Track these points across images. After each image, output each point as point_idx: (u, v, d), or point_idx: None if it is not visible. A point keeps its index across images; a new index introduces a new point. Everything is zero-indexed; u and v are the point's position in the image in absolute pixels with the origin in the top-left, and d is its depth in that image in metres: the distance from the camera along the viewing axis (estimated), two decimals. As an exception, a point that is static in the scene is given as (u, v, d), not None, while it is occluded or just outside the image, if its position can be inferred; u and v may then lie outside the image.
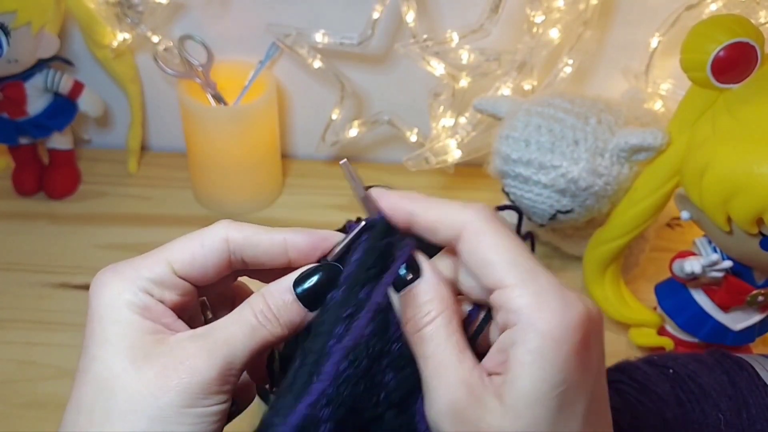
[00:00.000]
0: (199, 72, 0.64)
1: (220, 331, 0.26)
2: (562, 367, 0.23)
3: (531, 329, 0.23)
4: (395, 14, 0.63)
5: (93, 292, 0.26)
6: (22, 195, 0.68)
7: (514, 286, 0.24)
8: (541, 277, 0.24)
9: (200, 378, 0.24)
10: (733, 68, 0.44)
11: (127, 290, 0.26)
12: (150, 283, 0.26)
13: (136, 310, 0.25)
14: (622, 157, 0.51)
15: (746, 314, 0.50)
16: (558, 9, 0.60)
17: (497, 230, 0.25)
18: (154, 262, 0.26)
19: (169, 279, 0.26)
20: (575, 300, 0.24)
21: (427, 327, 0.25)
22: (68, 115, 0.66)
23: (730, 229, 0.44)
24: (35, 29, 0.59)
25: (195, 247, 0.27)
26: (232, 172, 0.65)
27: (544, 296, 0.23)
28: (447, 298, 0.25)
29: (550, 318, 0.23)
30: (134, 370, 0.24)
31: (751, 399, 0.41)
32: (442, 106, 0.64)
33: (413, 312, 0.25)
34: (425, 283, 0.25)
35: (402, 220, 0.27)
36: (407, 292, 0.25)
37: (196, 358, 0.24)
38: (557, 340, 0.23)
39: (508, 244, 0.24)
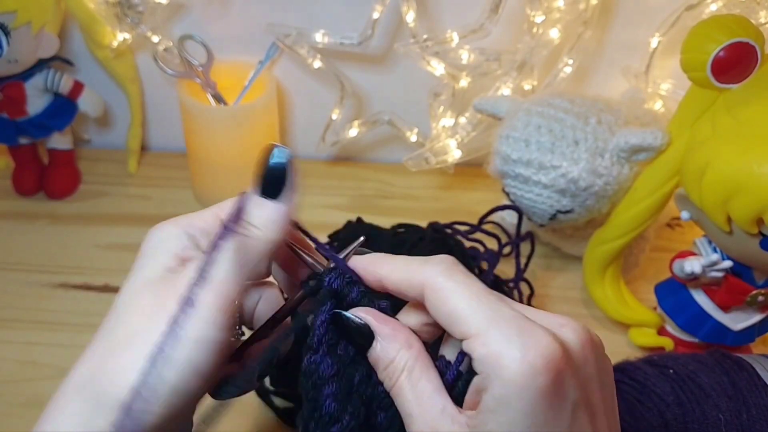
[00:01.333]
0: (199, 72, 0.64)
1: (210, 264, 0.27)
2: (527, 412, 0.23)
3: (495, 377, 0.23)
4: (395, 14, 0.63)
5: (147, 236, 0.28)
6: (22, 195, 0.68)
7: (476, 335, 0.24)
8: (503, 321, 0.24)
9: (204, 311, 0.25)
10: (733, 68, 0.44)
11: (175, 233, 0.28)
12: (199, 231, 0.28)
13: (172, 250, 0.27)
14: (622, 157, 0.51)
15: (746, 314, 0.50)
16: (558, 9, 0.60)
17: (455, 282, 0.25)
18: (207, 215, 0.29)
19: (215, 229, 0.28)
20: (541, 338, 0.23)
21: (395, 385, 0.26)
22: (68, 115, 0.66)
23: (730, 229, 0.44)
24: (35, 29, 0.59)
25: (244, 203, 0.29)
26: (232, 172, 0.65)
27: (505, 343, 0.23)
28: (409, 346, 0.26)
29: (511, 365, 0.23)
30: (138, 298, 0.26)
31: (751, 399, 0.41)
32: (442, 106, 0.64)
33: (382, 375, 0.27)
34: (380, 344, 0.26)
35: (375, 286, 0.28)
36: (371, 357, 0.27)
37: (200, 294, 0.26)
38: (521, 387, 0.23)
39: (467, 295, 0.25)
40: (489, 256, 0.54)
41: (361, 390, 0.27)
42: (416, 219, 0.59)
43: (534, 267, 0.60)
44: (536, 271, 0.62)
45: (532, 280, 0.58)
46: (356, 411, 0.26)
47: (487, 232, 0.57)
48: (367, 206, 0.69)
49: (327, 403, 0.26)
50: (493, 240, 0.57)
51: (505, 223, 0.63)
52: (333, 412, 0.26)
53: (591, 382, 0.25)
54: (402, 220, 0.58)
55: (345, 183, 0.72)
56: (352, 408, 0.26)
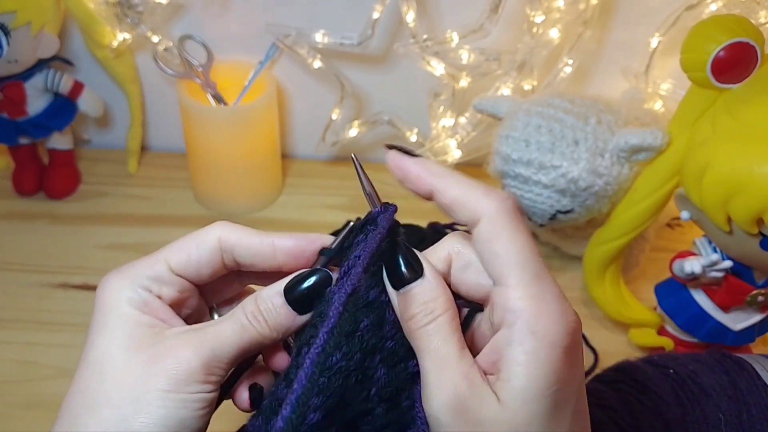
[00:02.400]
0: (199, 72, 0.64)
1: (211, 327, 0.27)
2: (555, 368, 0.24)
3: (528, 331, 0.24)
4: (395, 14, 0.63)
5: (99, 290, 0.28)
6: (22, 195, 0.68)
7: (516, 286, 0.24)
8: (545, 282, 0.25)
9: (185, 366, 0.26)
10: (733, 68, 0.44)
11: (127, 287, 0.27)
12: (148, 280, 0.28)
13: (134, 305, 0.27)
14: (622, 157, 0.51)
15: (746, 314, 0.50)
16: (558, 9, 0.60)
17: (514, 227, 0.25)
18: (153, 262, 0.28)
19: (166, 276, 0.28)
20: (569, 308, 0.25)
21: (431, 324, 0.25)
22: (68, 115, 0.66)
23: (730, 229, 0.44)
24: (35, 29, 0.59)
25: (190, 246, 0.29)
26: (232, 172, 0.65)
27: (543, 302, 0.24)
28: (449, 298, 0.26)
29: (548, 323, 0.24)
30: (126, 357, 0.26)
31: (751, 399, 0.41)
32: (442, 106, 0.64)
33: (416, 309, 0.26)
34: (428, 282, 0.26)
35: (424, 192, 0.28)
36: (408, 292, 0.26)
37: (184, 349, 0.26)
38: (552, 344, 0.24)
39: (521, 244, 0.25)
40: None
41: (365, 337, 0.26)
42: (416, 219, 0.59)
43: (534, 267, 0.60)
44: (536, 271, 0.62)
45: (532, 280, 0.58)
46: (350, 352, 0.26)
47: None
48: (367, 206, 0.69)
49: (325, 337, 0.26)
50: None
51: (505, 223, 0.63)
52: (326, 347, 0.26)
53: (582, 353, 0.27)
54: (402, 220, 0.58)
55: (345, 183, 0.72)
56: (347, 348, 0.26)
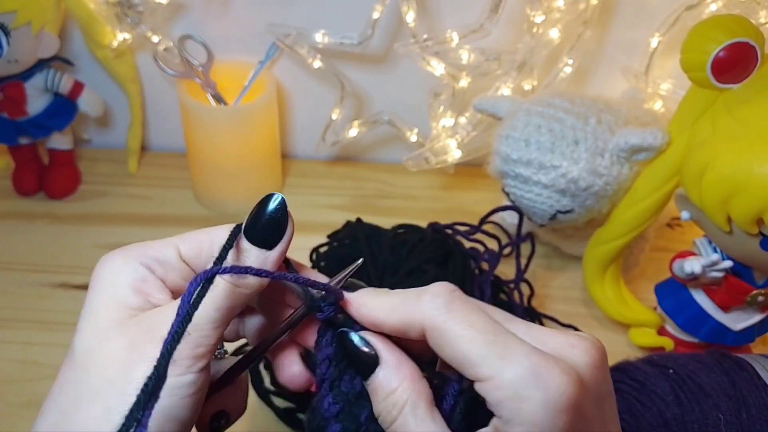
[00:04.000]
0: (199, 72, 0.64)
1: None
2: None
3: (518, 422, 0.22)
4: (395, 14, 0.63)
5: (96, 267, 0.27)
6: (22, 195, 0.68)
7: (490, 379, 0.23)
8: (515, 360, 0.22)
9: None
10: (733, 68, 0.44)
11: (128, 264, 0.26)
12: (153, 260, 0.26)
13: (129, 283, 0.26)
14: (622, 157, 0.51)
15: (746, 314, 0.50)
16: (558, 9, 0.60)
17: (456, 320, 0.24)
18: (162, 244, 0.27)
19: (173, 261, 0.27)
20: (558, 375, 0.22)
21: (396, 421, 0.24)
22: (68, 115, 0.66)
23: (730, 229, 0.44)
24: (35, 29, 0.59)
25: (203, 237, 0.27)
26: (232, 171, 0.65)
27: (522, 383, 0.22)
28: (411, 381, 0.25)
29: (534, 409, 0.22)
30: (106, 343, 0.24)
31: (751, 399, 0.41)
32: (442, 106, 0.64)
33: (380, 407, 0.25)
34: (383, 371, 0.25)
35: (372, 329, 0.26)
36: (371, 384, 0.25)
37: (162, 328, 0.24)
38: (546, 428, 0.22)
39: (471, 334, 0.23)
40: (489, 257, 0.54)
41: (369, 428, 0.26)
42: (416, 219, 0.59)
43: (534, 267, 0.60)
44: (536, 271, 0.62)
45: (533, 280, 0.58)
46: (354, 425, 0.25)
47: (487, 232, 0.57)
48: (367, 206, 0.69)
49: None
50: (493, 240, 0.57)
51: (505, 223, 0.63)
52: (332, 412, 0.25)
53: (604, 398, 0.24)
54: (402, 220, 0.58)
55: (345, 183, 0.72)
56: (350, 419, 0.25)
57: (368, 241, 0.53)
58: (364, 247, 0.52)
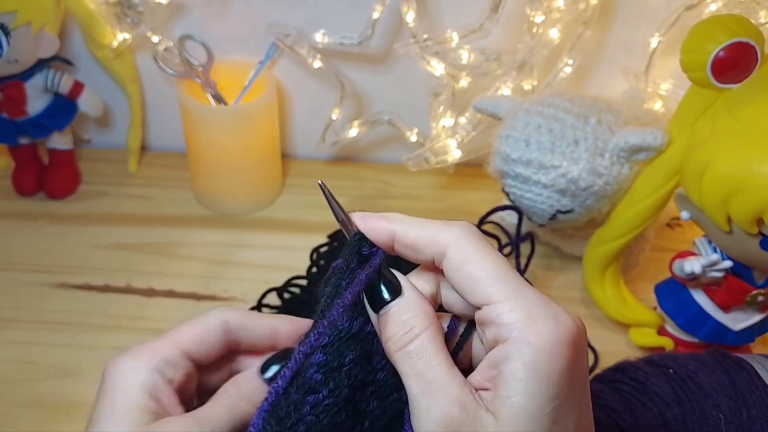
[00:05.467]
0: (199, 72, 0.64)
1: (204, 410, 0.27)
2: (556, 380, 0.23)
3: (525, 344, 0.23)
4: (395, 14, 0.63)
5: (108, 371, 0.27)
6: (22, 195, 0.68)
7: (503, 301, 0.24)
8: (529, 292, 0.24)
9: None
10: (733, 68, 0.44)
11: (141, 370, 0.27)
12: (163, 363, 0.27)
13: (146, 389, 0.26)
14: (622, 157, 0.52)
15: (746, 314, 0.50)
16: (558, 9, 0.60)
17: (482, 248, 0.25)
18: (166, 344, 0.28)
19: (179, 360, 0.28)
20: (564, 314, 0.24)
21: (411, 344, 0.24)
22: (68, 115, 0.66)
23: (730, 229, 0.44)
24: (35, 29, 0.59)
25: (198, 330, 0.29)
26: (232, 172, 0.65)
27: (534, 311, 0.23)
28: (430, 314, 0.25)
29: (543, 332, 0.23)
30: None
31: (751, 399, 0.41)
32: (442, 106, 0.65)
33: (395, 329, 0.25)
34: (406, 300, 0.25)
35: (384, 240, 0.27)
36: (387, 312, 0.25)
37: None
38: (551, 355, 0.23)
39: (493, 261, 0.25)
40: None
41: (353, 371, 0.25)
42: (416, 219, 0.59)
43: (534, 267, 0.60)
44: (536, 271, 0.62)
45: (533, 280, 0.58)
46: (338, 389, 0.25)
47: (487, 232, 0.57)
48: (367, 206, 0.69)
49: (311, 371, 0.25)
50: (493, 240, 0.57)
51: (505, 223, 0.63)
52: (313, 383, 0.25)
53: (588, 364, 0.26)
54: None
55: (345, 183, 0.72)
56: (334, 384, 0.25)
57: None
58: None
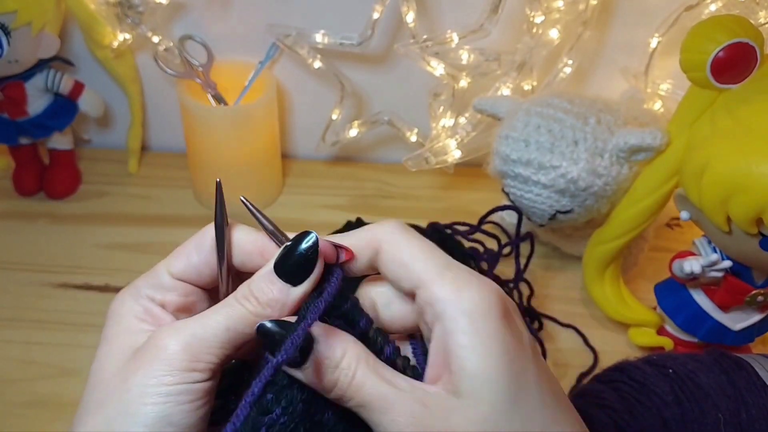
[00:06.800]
0: (199, 72, 0.64)
1: (197, 315, 0.26)
2: (497, 337, 0.24)
3: (458, 312, 0.24)
4: (395, 14, 0.63)
5: (110, 306, 0.28)
6: (22, 195, 0.68)
7: (433, 280, 0.25)
8: (455, 268, 0.26)
9: (163, 354, 0.25)
10: (733, 68, 0.44)
11: (130, 299, 0.28)
12: (150, 288, 0.28)
13: (135, 314, 0.27)
14: (621, 158, 0.52)
15: (746, 314, 0.50)
16: (557, 9, 0.61)
17: (410, 237, 0.27)
18: (154, 271, 0.28)
19: (167, 282, 0.28)
20: (488, 282, 0.26)
21: (354, 380, 0.24)
22: (69, 115, 0.66)
23: (729, 229, 0.44)
24: (36, 29, 0.59)
25: (189, 250, 0.29)
26: (233, 172, 0.65)
27: (461, 282, 0.25)
28: (353, 342, 0.25)
29: (471, 297, 0.24)
30: (118, 363, 0.26)
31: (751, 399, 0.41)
32: (441, 106, 0.65)
33: (332, 376, 0.25)
34: (326, 343, 0.25)
35: (329, 254, 0.27)
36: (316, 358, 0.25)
37: (163, 338, 0.25)
38: (484, 314, 0.24)
39: (421, 247, 0.26)
40: (489, 257, 0.54)
41: (304, 385, 0.25)
42: (416, 219, 0.59)
43: (534, 267, 0.60)
44: (536, 271, 0.62)
45: (532, 280, 0.58)
46: (290, 405, 0.25)
47: (486, 232, 0.58)
48: (367, 206, 0.69)
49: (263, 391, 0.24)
50: (492, 240, 0.57)
51: (504, 223, 0.63)
52: (265, 403, 0.25)
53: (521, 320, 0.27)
54: (402, 220, 0.58)
55: (345, 183, 0.72)
56: (286, 402, 0.25)
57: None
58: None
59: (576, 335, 0.56)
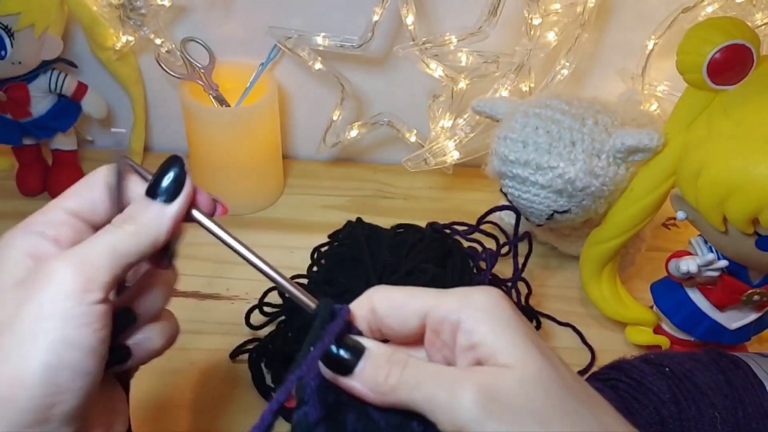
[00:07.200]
0: (201, 74, 0.64)
1: (80, 244, 0.27)
2: (514, 322, 0.26)
3: (474, 310, 0.26)
4: (395, 17, 0.63)
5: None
6: (26, 195, 0.68)
7: (437, 302, 0.27)
8: (450, 290, 0.27)
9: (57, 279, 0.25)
10: (729, 70, 0.44)
11: (18, 236, 0.28)
12: (41, 224, 0.28)
13: (23, 249, 0.28)
14: (618, 158, 0.52)
15: (742, 313, 0.50)
16: (555, 12, 0.61)
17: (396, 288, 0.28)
18: (47, 208, 0.29)
19: (62, 218, 0.29)
20: (488, 287, 0.27)
21: (408, 366, 0.25)
22: (72, 117, 0.66)
23: (725, 229, 0.45)
24: (39, 31, 0.60)
25: (82, 187, 0.30)
26: (234, 172, 0.66)
27: (465, 292, 0.27)
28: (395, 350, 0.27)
29: (480, 298, 0.26)
30: (8, 296, 0.26)
31: (747, 397, 0.41)
32: (440, 108, 0.65)
33: (386, 368, 0.25)
34: (377, 346, 0.26)
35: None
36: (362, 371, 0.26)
37: (53, 264, 0.26)
38: (497, 308, 0.26)
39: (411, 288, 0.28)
40: (487, 256, 0.55)
41: (359, 428, 0.25)
42: (416, 219, 0.60)
43: (532, 266, 0.60)
44: (534, 271, 0.62)
45: (530, 279, 0.58)
46: None
47: (485, 232, 0.58)
48: (367, 206, 0.70)
49: None
50: (491, 240, 0.58)
51: (503, 223, 0.63)
52: None
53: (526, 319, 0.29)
54: (401, 220, 0.59)
55: (345, 183, 0.72)
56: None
57: (368, 240, 0.54)
58: (364, 247, 0.52)
59: (573, 334, 0.56)
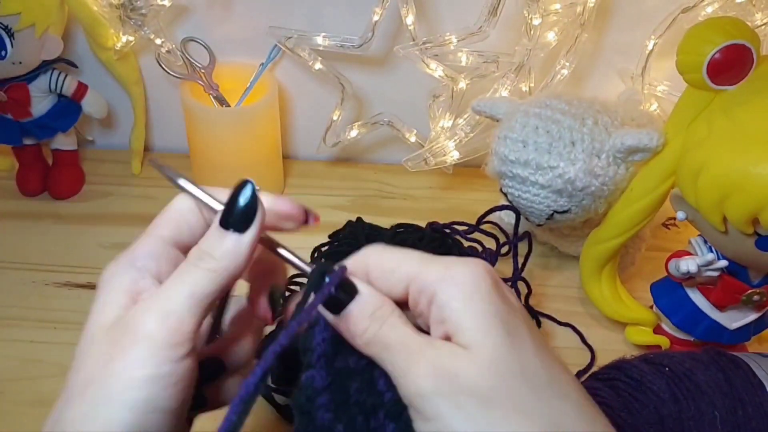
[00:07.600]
0: (201, 74, 0.65)
1: (159, 291, 0.26)
2: (489, 299, 0.25)
3: (449, 285, 0.25)
4: (395, 17, 0.63)
5: (99, 280, 0.28)
6: (26, 195, 0.68)
7: (420, 271, 0.26)
8: (440, 258, 0.27)
9: (143, 335, 0.25)
10: (729, 70, 0.44)
11: (118, 271, 0.27)
12: (146, 258, 0.27)
13: (123, 287, 0.27)
14: (618, 158, 0.52)
15: (742, 313, 0.50)
16: (555, 12, 0.61)
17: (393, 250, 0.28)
18: (144, 239, 0.28)
19: (161, 248, 0.28)
20: (475, 260, 0.27)
21: (385, 324, 0.26)
22: (72, 117, 0.66)
23: (725, 229, 0.45)
24: (39, 31, 0.60)
25: (174, 215, 0.29)
26: (235, 172, 0.66)
27: (448, 263, 0.26)
28: (391, 302, 0.27)
29: (460, 271, 0.26)
30: (93, 345, 0.25)
31: (747, 397, 0.41)
32: (440, 108, 0.65)
33: (366, 322, 0.26)
34: (368, 295, 0.27)
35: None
36: (350, 312, 0.26)
37: (139, 319, 0.25)
38: (474, 284, 0.25)
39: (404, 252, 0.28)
40: (487, 256, 0.55)
41: (361, 399, 0.26)
42: (416, 219, 0.60)
43: (531, 266, 0.60)
44: (534, 270, 0.62)
45: (530, 279, 0.58)
46: (352, 421, 0.25)
47: (485, 232, 0.58)
48: (367, 206, 0.70)
49: (320, 413, 0.25)
50: (491, 240, 0.58)
51: (503, 223, 0.63)
52: (326, 423, 0.25)
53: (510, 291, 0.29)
54: (402, 220, 0.59)
55: (345, 183, 0.72)
56: (347, 418, 0.25)
57: (368, 240, 0.54)
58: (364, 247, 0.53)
59: (573, 334, 0.56)
